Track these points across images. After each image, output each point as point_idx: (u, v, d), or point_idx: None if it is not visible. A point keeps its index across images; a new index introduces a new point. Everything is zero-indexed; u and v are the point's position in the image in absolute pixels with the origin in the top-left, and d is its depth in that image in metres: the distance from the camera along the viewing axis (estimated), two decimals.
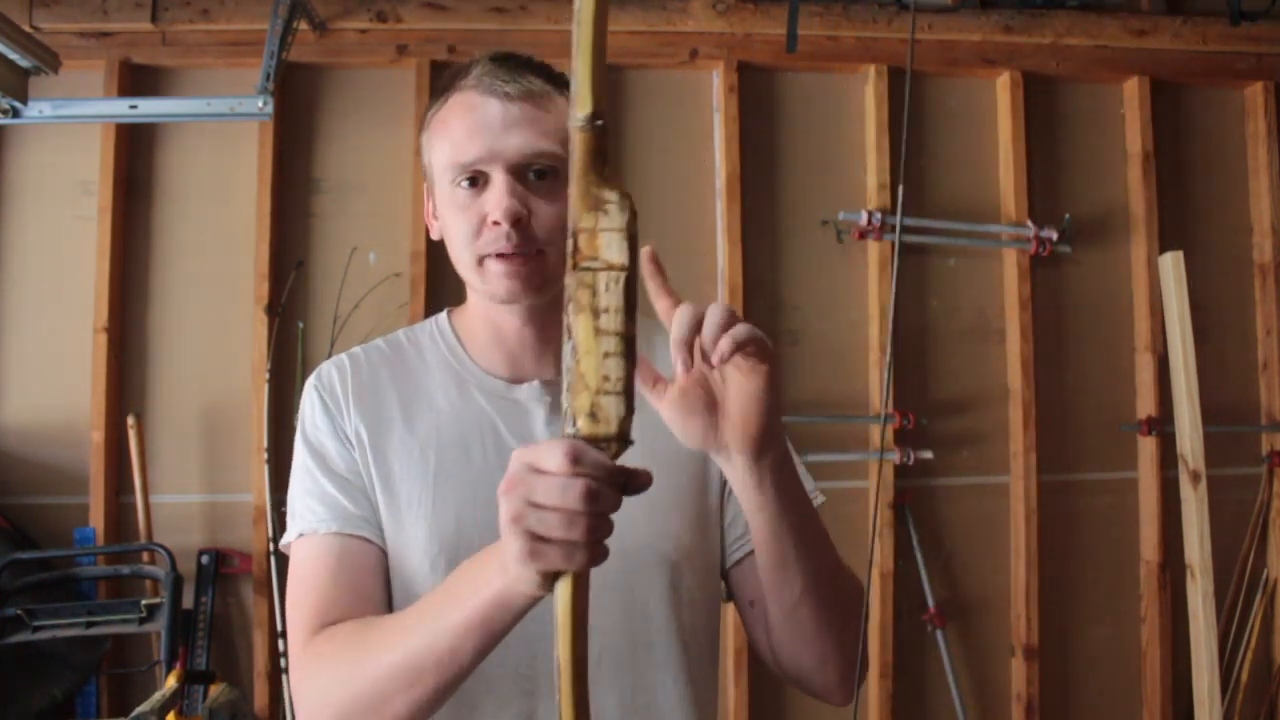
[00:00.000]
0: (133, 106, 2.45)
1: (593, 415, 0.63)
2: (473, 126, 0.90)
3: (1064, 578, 2.82)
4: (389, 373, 0.99)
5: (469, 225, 0.91)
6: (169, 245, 2.68)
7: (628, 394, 0.64)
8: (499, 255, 0.90)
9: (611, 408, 0.63)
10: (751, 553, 0.95)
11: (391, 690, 0.78)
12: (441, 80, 0.98)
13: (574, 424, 0.63)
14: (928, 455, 2.70)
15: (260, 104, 2.39)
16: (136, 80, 2.68)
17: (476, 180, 0.90)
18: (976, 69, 2.87)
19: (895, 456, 2.69)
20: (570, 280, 0.64)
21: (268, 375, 2.57)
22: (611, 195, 0.64)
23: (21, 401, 2.62)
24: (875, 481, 2.76)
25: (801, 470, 0.99)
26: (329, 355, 2.55)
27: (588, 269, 0.63)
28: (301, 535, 0.92)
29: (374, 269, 2.67)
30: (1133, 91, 2.90)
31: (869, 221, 2.72)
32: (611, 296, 0.63)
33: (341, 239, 2.69)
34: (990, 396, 2.82)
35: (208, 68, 2.70)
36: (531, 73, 0.93)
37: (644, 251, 0.71)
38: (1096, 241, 2.90)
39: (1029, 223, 2.79)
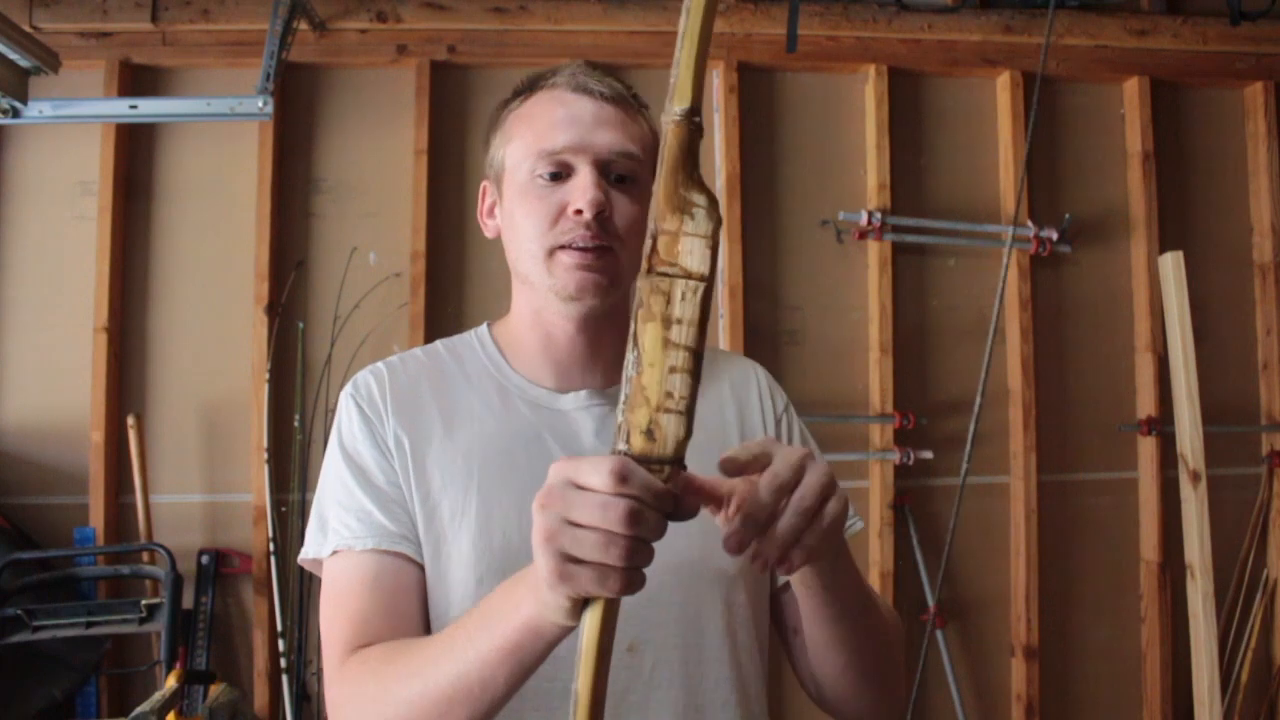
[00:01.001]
0: (133, 106, 2.44)
1: (649, 433, 0.59)
2: (563, 118, 0.89)
3: (1064, 578, 2.82)
4: (428, 382, 0.95)
5: (546, 215, 0.88)
6: (169, 245, 2.68)
7: (689, 415, 0.59)
8: (574, 247, 0.87)
9: (671, 427, 0.59)
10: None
11: None
12: (520, 82, 0.96)
13: (626, 440, 0.59)
14: (928, 455, 2.70)
15: (260, 104, 2.39)
16: (136, 80, 2.68)
17: (559, 174, 0.88)
18: (976, 69, 2.87)
19: (895, 456, 2.69)
20: (643, 284, 0.59)
21: (268, 375, 2.57)
22: (700, 199, 0.60)
23: (21, 401, 2.62)
24: (878, 481, 2.76)
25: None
26: (329, 355, 2.57)
27: (665, 274, 0.59)
28: (336, 552, 0.88)
29: (374, 269, 2.67)
30: (1133, 91, 2.90)
31: (869, 221, 2.72)
32: (687, 308, 0.59)
33: (341, 239, 2.69)
34: (990, 396, 2.82)
35: (208, 68, 2.70)
36: (619, 83, 0.94)
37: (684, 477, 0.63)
38: (1096, 241, 2.90)
39: (1029, 223, 2.79)
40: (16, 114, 2.36)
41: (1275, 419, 2.91)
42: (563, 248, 0.87)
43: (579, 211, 0.86)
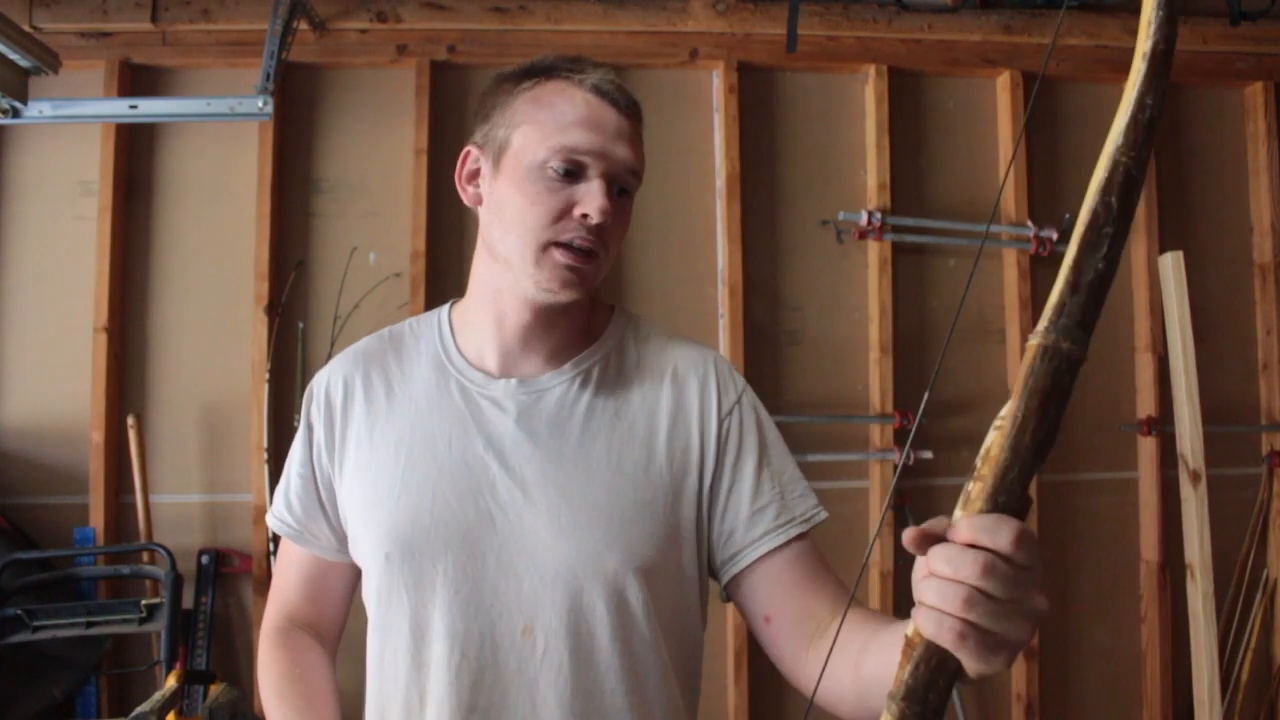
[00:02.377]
0: (133, 106, 2.44)
1: None
2: (588, 119, 0.91)
3: (1064, 578, 2.82)
4: (380, 369, 1.02)
5: (551, 210, 0.90)
6: (169, 245, 2.68)
7: None
8: (570, 247, 0.90)
9: None
10: (757, 562, 0.95)
11: None
12: (532, 62, 0.97)
13: None
14: (928, 455, 2.70)
15: (260, 104, 2.39)
16: (136, 80, 2.68)
17: (572, 172, 0.90)
18: (976, 69, 2.87)
19: (895, 456, 2.69)
20: None
21: (268, 375, 2.57)
22: None
23: (21, 401, 2.62)
24: (878, 480, 2.76)
25: (802, 488, 0.99)
26: (329, 355, 2.57)
27: None
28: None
29: (374, 269, 2.67)
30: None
31: (869, 221, 2.72)
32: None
33: (341, 239, 2.69)
34: (990, 396, 2.82)
35: (208, 68, 2.70)
36: (631, 93, 0.97)
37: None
38: None
39: (1029, 223, 2.79)
40: (16, 114, 2.36)
41: (1275, 419, 2.91)
42: (558, 244, 0.90)
43: (585, 216, 0.89)
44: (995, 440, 0.59)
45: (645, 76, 2.76)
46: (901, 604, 2.71)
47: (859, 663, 0.82)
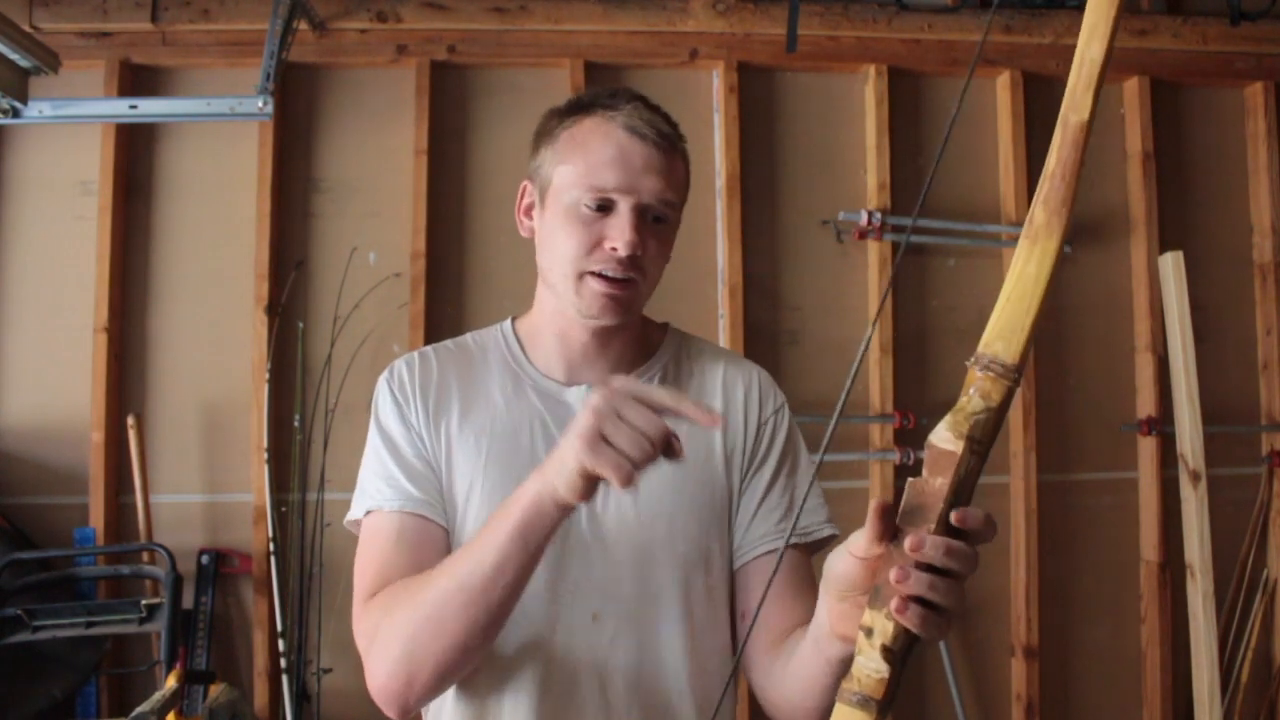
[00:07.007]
0: (133, 106, 2.45)
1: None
2: (615, 157, 0.98)
3: (1064, 578, 2.82)
4: (455, 370, 1.08)
5: (584, 242, 0.98)
6: (169, 245, 2.68)
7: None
8: (603, 276, 0.98)
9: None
10: (751, 561, 1.04)
11: (449, 613, 0.86)
12: (579, 96, 1.06)
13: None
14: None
15: (260, 104, 2.39)
16: (136, 80, 2.68)
17: (604, 206, 0.98)
18: (977, 69, 2.87)
19: (895, 456, 2.69)
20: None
21: (268, 375, 2.57)
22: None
23: (21, 401, 2.62)
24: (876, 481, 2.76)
25: (815, 504, 1.06)
26: (329, 355, 2.57)
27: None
28: (369, 512, 1.02)
29: (374, 269, 2.67)
30: (1133, 91, 2.90)
31: (869, 221, 2.72)
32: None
33: (341, 239, 2.69)
34: None
35: (208, 68, 2.70)
36: (666, 123, 1.02)
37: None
38: (1096, 241, 2.90)
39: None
40: (16, 114, 2.36)
41: (1275, 419, 2.91)
42: (593, 274, 0.98)
43: (615, 249, 0.97)
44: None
45: (645, 76, 2.76)
46: None
47: (785, 667, 0.92)
